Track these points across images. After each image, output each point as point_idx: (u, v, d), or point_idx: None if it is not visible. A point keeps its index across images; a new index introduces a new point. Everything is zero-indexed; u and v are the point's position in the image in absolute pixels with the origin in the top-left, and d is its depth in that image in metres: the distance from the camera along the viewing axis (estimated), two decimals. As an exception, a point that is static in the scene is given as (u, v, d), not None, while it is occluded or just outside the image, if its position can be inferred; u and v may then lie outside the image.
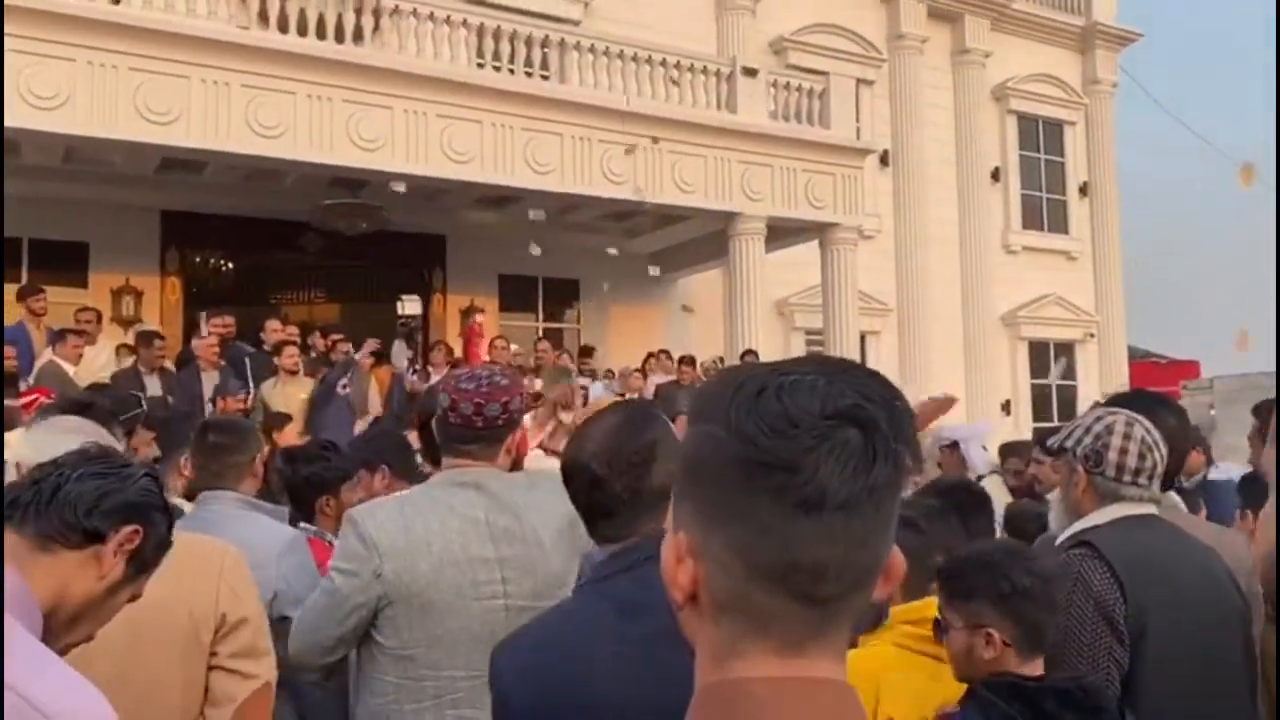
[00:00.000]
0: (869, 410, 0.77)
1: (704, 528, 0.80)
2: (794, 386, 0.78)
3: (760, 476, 0.76)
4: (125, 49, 8.60)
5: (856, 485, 0.76)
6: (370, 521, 2.14)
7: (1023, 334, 17.90)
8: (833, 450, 0.75)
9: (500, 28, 10.74)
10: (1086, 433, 2.10)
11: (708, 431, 0.80)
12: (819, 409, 0.77)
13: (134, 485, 1.49)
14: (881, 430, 0.77)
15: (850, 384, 0.79)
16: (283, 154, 9.30)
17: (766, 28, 15.55)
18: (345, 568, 2.13)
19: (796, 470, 0.75)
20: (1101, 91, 19.20)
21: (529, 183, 10.51)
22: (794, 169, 11.97)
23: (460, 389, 2.18)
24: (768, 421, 0.76)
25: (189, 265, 12.06)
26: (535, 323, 14.15)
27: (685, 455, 0.83)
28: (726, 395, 0.80)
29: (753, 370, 0.82)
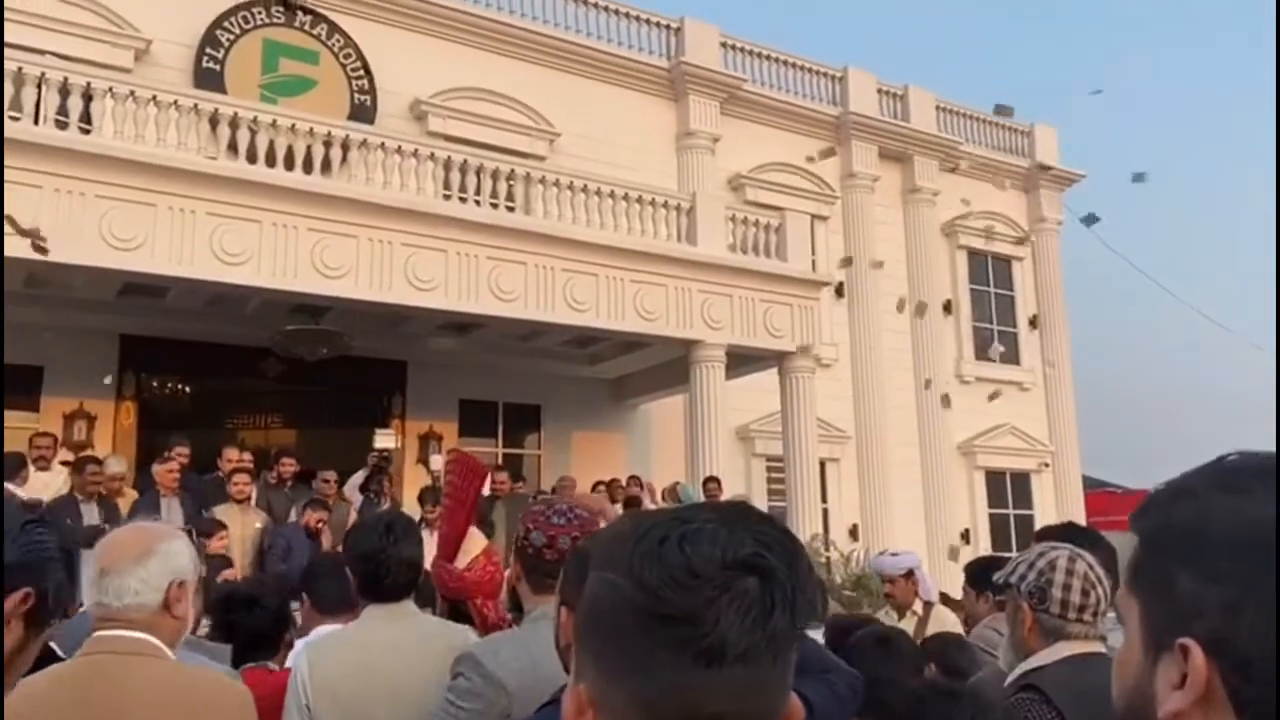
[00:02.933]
0: (768, 559, 0.78)
1: (605, 679, 0.79)
2: (695, 535, 0.78)
3: (661, 628, 0.76)
4: (93, 176, 8.71)
5: (755, 636, 0.76)
6: (493, 659, 2.09)
7: (979, 463, 18.08)
8: (733, 601, 0.76)
9: (467, 161, 11.03)
10: (1030, 568, 2.12)
11: (610, 580, 0.80)
12: (719, 558, 0.77)
13: (18, 544, 1.37)
14: (779, 579, 0.78)
15: (750, 532, 0.80)
16: (246, 280, 9.35)
17: (725, 165, 16.11)
18: (468, 707, 2.07)
19: (698, 622, 0.75)
20: (1047, 229, 19.95)
21: (492, 310, 10.63)
22: (753, 299, 12.22)
23: (554, 524, 2.17)
24: (670, 572, 0.77)
25: (145, 389, 11.95)
26: (496, 448, 14.08)
27: (587, 603, 0.83)
28: (629, 544, 0.80)
29: (655, 518, 0.82)
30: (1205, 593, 0.77)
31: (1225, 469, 0.81)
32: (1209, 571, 0.77)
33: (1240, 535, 0.76)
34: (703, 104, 16.02)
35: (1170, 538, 0.81)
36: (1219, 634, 0.75)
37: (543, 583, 2.20)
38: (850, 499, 16.31)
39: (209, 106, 9.77)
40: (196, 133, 9.57)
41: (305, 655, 2.67)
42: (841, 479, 16.25)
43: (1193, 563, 0.78)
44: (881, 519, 16.23)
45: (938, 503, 17.16)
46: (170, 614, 2.02)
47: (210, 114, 9.70)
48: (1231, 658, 0.75)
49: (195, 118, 9.58)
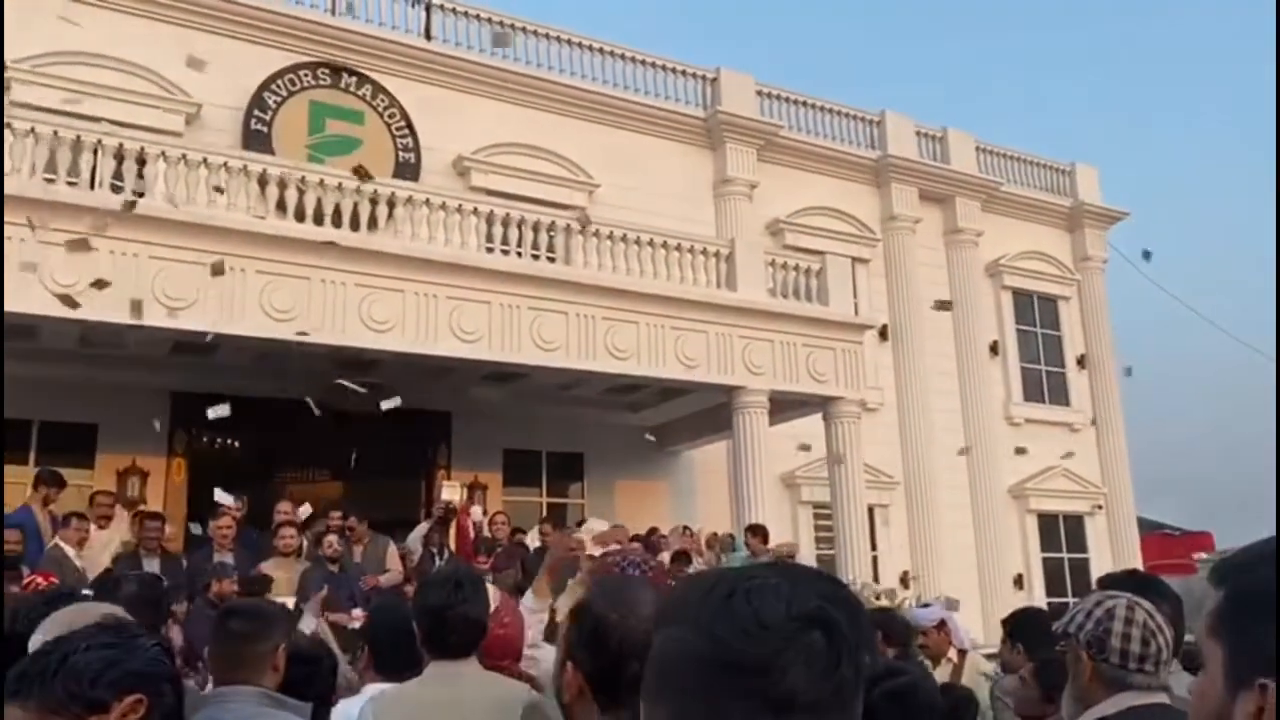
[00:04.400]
0: (831, 612, 0.81)
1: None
2: (760, 589, 0.82)
3: (732, 679, 0.78)
4: (146, 238, 8.95)
5: (823, 687, 0.78)
6: (557, 711, 2.09)
7: (1031, 506, 17.74)
8: (800, 652, 0.78)
9: (509, 215, 11.18)
10: (1088, 618, 2.07)
11: (679, 635, 0.83)
12: (785, 611, 0.80)
13: (142, 655, 1.43)
14: (843, 632, 0.80)
15: (813, 587, 0.83)
16: (295, 336, 9.50)
17: (763, 211, 16.17)
18: None
19: (767, 672, 0.78)
20: (1092, 267, 19.73)
21: (535, 359, 10.70)
22: (794, 344, 12.19)
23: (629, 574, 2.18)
24: (739, 624, 0.79)
25: (195, 445, 12.13)
26: (540, 498, 14.09)
27: (656, 659, 0.85)
28: (696, 599, 0.83)
29: (719, 575, 0.86)
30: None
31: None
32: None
33: None
34: (740, 151, 16.14)
35: (1255, 598, 0.94)
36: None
37: None
38: (900, 545, 16.06)
39: (257, 167, 10.02)
40: (246, 193, 9.80)
41: (370, 710, 2.68)
42: (890, 524, 16.03)
43: (1271, 620, 0.91)
44: (933, 565, 15.95)
45: (990, 547, 16.84)
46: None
47: (259, 174, 9.94)
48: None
49: (244, 178, 9.82)
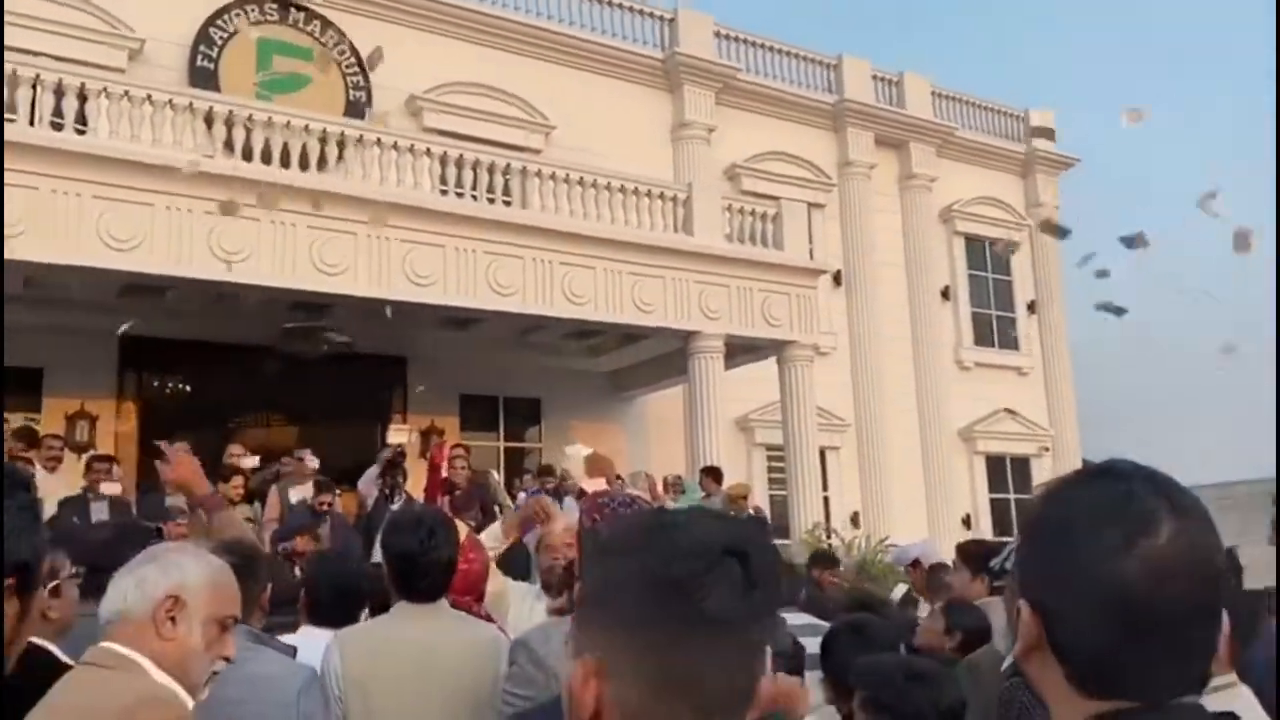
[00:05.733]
0: (746, 546, 0.91)
1: (613, 648, 0.90)
2: (688, 523, 0.93)
3: (666, 595, 0.88)
4: (89, 177, 8.72)
5: (739, 606, 0.88)
6: (544, 645, 2.15)
7: (979, 448, 18.11)
8: (723, 575, 0.88)
9: (463, 156, 11.03)
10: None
11: (620, 562, 0.93)
12: (710, 541, 0.90)
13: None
14: (757, 565, 0.91)
15: (731, 525, 0.95)
16: (245, 279, 9.38)
17: (720, 155, 16.10)
18: (522, 693, 2.13)
19: (696, 589, 0.87)
20: (1044, 214, 19.92)
21: (491, 304, 10.65)
22: (750, 289, 12.25)
23: (620, 515, 2.19)
24: (673, 549, 0.90)
25: (146, 389, 11.96)
26: (497, 442, 14.12)
27: (595, 584, 0.96)
28: (634, 532, 0.95)
29: (653, 513, 0.98)
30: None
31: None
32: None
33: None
34: (698, 94, 16.01)
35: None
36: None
37: None
38: (851, 487, 16.35)
39: (204, 105, 9.78)
40: (192, 131, 9.58)
41: (336, 648, 2.70)
42: (841, 466, 16.29)
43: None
44: (883, 506, 16.27)
45: (938, 489, 17.20)
46: (159, 633, 1.84)
47: (205, 112, 9.71)
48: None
49: (190, 116, 9.59)
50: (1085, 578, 0.95)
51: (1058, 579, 0.97)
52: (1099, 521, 0.96)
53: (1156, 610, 0.93)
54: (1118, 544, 0.94)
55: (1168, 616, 0.94)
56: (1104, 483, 0.99)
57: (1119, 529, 0.95)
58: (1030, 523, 1.04)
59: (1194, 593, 0.95)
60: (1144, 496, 0.96)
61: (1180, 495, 0.98)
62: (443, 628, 2.71)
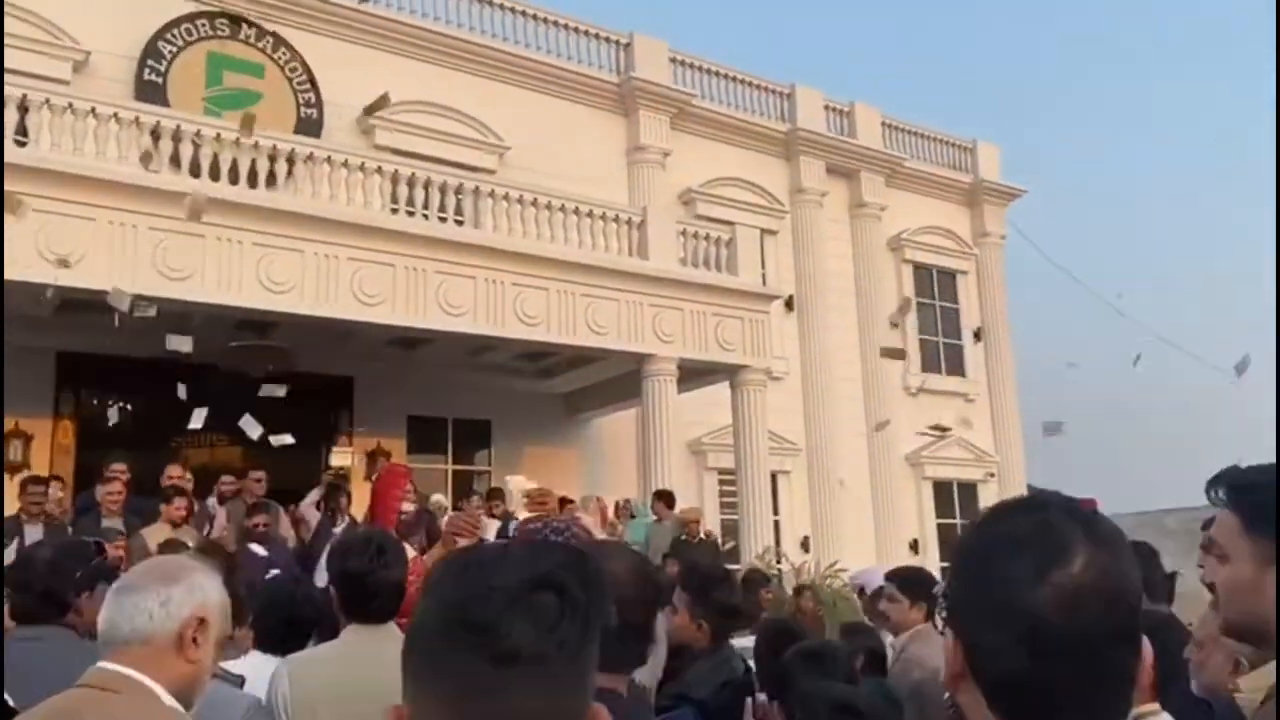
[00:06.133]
0: (562, 576, 0.89)
1: (419, 692, 0.90)
2: (496, 561, 0.91)
3: (462, 635, 0.87)
4: (29, 190, 8.49)
5: (547, 641, 0.86)
6: None
7: (927, 474, 18.29)
8: (527, 611, 0.87)
9: (415, 175, 10.95)
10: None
11: (424, 605, 0.92)
12: (516, 576, 0.89)
13: None
14: (573, 594, 0.89)
15: (550, 557, 0.92)
16: (189, 296, 9.19)
17: (675, 179, 16.18)
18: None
19: (492, 628, 0.86)
20: (990, 243, 20.31)
21: (441, 324, 10.55)
22: (704, 313, 12.28)
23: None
24: (469, 589, 0.88)
25: (84, 408, 11.65)
26: (445, 465, 13.95)
27: (408, 632, 0.94)
28: (441, 573, 0.93)
29: (467, 552, 0.96)
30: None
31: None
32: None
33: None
34: (653, 119, 16.10)
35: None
36: None
37: None
38: (801, 511, 16.40)
39: (150, 119, 9.60)
40: (138, 146, 9.38)
41: (285, 673, 2.61)
42: (793, 491, 16.34)
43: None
44: (833, 530, 16.34)
45: (887, 513, 17.33)
46: (184, 656, 1.81)
47: (152, 126, 9.53)
48: None
49: (136, 130, 9.40)
50: (1000, 606, 0.96)
51: (977, 608, 0.99)
52: (1014, 551, 0.97)
53: (1069, 638, 0.94)
54: (1031, 573, 0.95)
55: (1081, 644, 0.94)
56: (1022, 513, 1.01)
57: (1033, 558, 0.96)
58: (954, 553, 1.06)
59: (1108, 620, 0.96)
60: (1060, 525, 0.98)
61: (1097, 524, 0.99)
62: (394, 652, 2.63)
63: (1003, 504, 1.06)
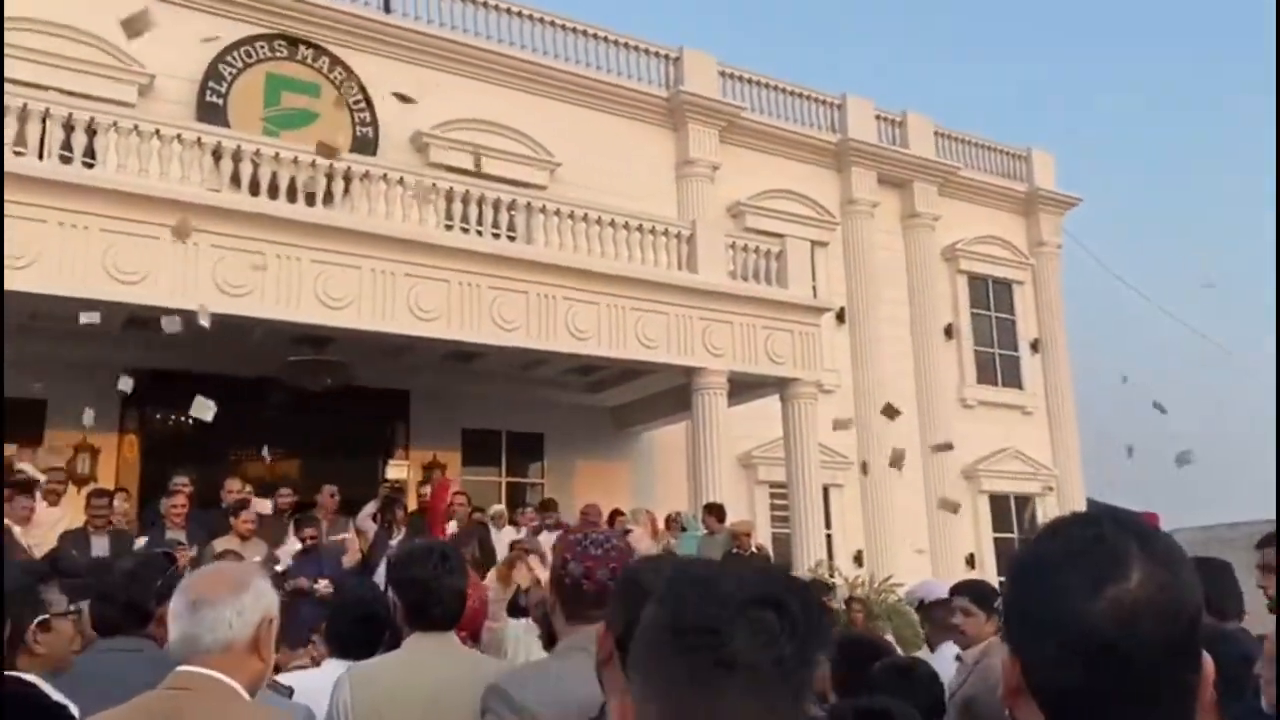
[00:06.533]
0: (785, 597, 0.95)
1: (643, 686, 0.96)
2: (723, 575, 0.97)
3: (684, 639, 0.93)
4: (97, 210, 8.77)
5: (765, 655, 0.91)
6: (521, 691, 2.10)
7: (983, 487, 18.04)
8: (749, 623, 0.92)
9: (469, 192, 11.09)
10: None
11: (650, 611, 0.98)
12: (741, 591, 0.94)
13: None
14: (792, 614, 0.94)
15: (773, 578, 0.98)
16: (249, 312, 9.39)
17: (725, 193, 16.20)
18: None
19: (715, 633, 0.91)
20: (1046, 252, 20.02)
21: (494, 339, 10.66)
22: (754, 326, 12.26)
23: (591, 555, 2.17)
24: (696, 597, 0.95)
25: (149, 422, 11.94)
26: (499, 477, 14.07)
27: (638, 632, 1.00)
28: (669, 580, 1.00)
29: (694, 564, 1.04)
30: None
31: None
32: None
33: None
34: (702, 132, 16.14)
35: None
36: None
37: (579, 613, 2.18)
38: (854, 525, 16.26)
39: (212, 140, 9.85)
40: (200, 166, 9.64)
41: (347, 680, 2.66)
42: (845, 505, 16.21)
43: None
44: (886, 544, 16.17)
45: (942, 528, 17.10)
46: (258, 654, 1.98)
47: (213, 147, 9.78)
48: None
49: (199, 151, 9.65)
50: (1055, 621, 0.96)
51: (1032, 623, 0.99)
52: (1069, 565, 0.98)
53: (1124, 653, 0.94)
54: (1086, 587, 0.95)
55: (1138, 659, 0.94)
56: (1078, 527, 1.01)
57: (1087, 572, 0.96)
58: (1010, 568, 1.07)
59: (1165, 635, 0.95)
60: (1114, 539, 0.98)
61: (1153, 538, 0.99)
62: (455, 663, 2.67)
63: (1059, 519, 1.06)
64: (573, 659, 2.11)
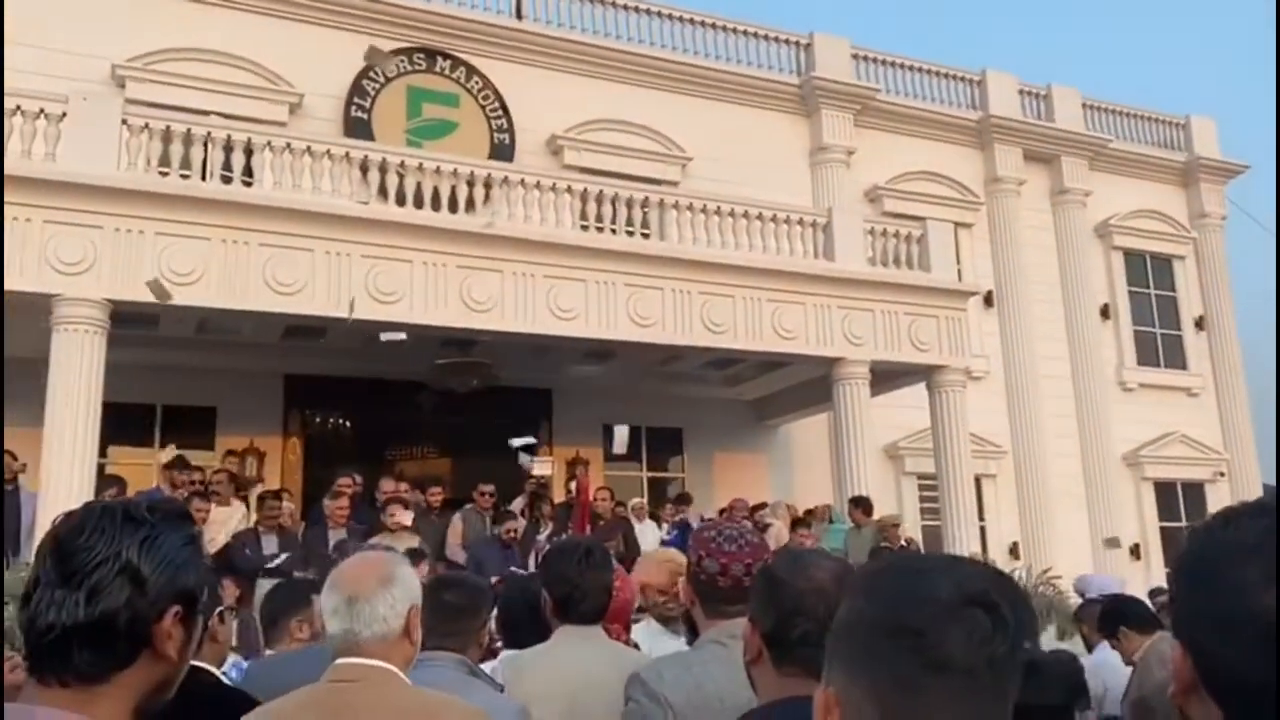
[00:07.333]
0: (995, 597, 0.93)
1: (849, 681, 0.96)
2: (932, 571, 0.96)
3: (897, 637, 0.92)
4: (255, 226, 9.25)
5: (978, 656, 0.90)
6: (658, 680, 2.17)
7: (1147, 474, 17.12)
8: (961, 623, 0.91)
9: (603, 192, 11.21)
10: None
11: (855, 605, 0.98)
12: (950, 591, 0.93)
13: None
14: (1003, 614, 0.93)
15: (981, 575, 0.96)
16: (400, 318, 9.73)
17: (861, 177, 15.87)
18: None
19: (925, 634, 0.91)
20: (1210, 225, 18.83)
21: (632, 336, 10.74)
22: (895, 313, 11.96)
23: (725, 551, 2.22)
24: (908, 596, 0.94)
25: (310, 426, 12.55)
26: (640, 473, 14.18)
27: (838, 624, 1.00)
28: (874, 576, 1.00)
29: (898, 558, 1.02)
30: None
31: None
32: None
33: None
34: (835, 117, 15.84)
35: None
36: None
37: (716, 609, 2.24)
38: (1009, 516, 15.70)
39: (359, 154, 10.25)
40: (349, 179, 10.04)
41: (501, 671, 2.75)
42: (999, 495, 15.66)
43: None
44: (1043, 536, 15.55)
45: (1103, 517, 16.32)
46: (409, 639, 2.11)
47: (360, 160, 10.17)
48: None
49: (347, 165, 10.06)
50: (1232, 615, 0.93)
51: (1205, 617, 0.96)
52: (1244, 557, 0.94)
53: None
54: (1263, 579, 0.92)
55: None
56: (1249, 517, 0.98)
57: (1264, 563, 0.93)
58: (1178, 561, 1.03)
59: None
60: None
61: None
62: (600, 655, 2.74)
63: (1229, 509, 1.02)
64: (708, 651, 2.22)
